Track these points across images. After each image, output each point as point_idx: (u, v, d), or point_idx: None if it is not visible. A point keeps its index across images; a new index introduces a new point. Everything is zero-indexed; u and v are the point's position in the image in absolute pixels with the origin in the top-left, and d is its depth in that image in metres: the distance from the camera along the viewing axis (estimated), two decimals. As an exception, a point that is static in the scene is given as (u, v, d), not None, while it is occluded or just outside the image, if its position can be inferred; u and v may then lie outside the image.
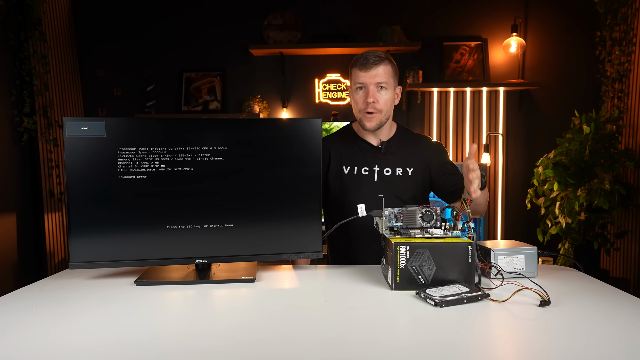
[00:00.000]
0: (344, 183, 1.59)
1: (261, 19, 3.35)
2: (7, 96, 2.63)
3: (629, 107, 2.77)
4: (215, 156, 1.28)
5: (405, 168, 1.59)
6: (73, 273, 1.37)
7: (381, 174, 1.59)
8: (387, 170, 1.59)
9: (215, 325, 0.96)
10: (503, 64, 3.31)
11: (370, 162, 1.60)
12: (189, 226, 1.28)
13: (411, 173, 1.59)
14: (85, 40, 3.39)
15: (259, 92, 3.39)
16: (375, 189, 1.56)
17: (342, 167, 1.61)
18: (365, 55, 1.53)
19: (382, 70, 1.52)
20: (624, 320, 0.95)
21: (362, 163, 1.60)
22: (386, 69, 1.52)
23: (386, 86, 1.53)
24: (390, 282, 1.16)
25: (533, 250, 1.27)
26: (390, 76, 1.54)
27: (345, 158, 1.61)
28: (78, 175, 1.23)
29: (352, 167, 1.60)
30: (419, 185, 1.60)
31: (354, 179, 1.59)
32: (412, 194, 1.58)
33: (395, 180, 1.58)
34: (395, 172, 1.59)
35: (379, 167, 1.59)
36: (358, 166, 1.60)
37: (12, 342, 0.87)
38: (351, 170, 1.60)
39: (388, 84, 1.53)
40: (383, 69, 1.52)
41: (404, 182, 1.58)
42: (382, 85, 1.52)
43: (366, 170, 1.59)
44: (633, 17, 2.73)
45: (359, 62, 1.53)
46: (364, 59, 1.52)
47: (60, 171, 2.94)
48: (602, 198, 2.39)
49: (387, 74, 1.53)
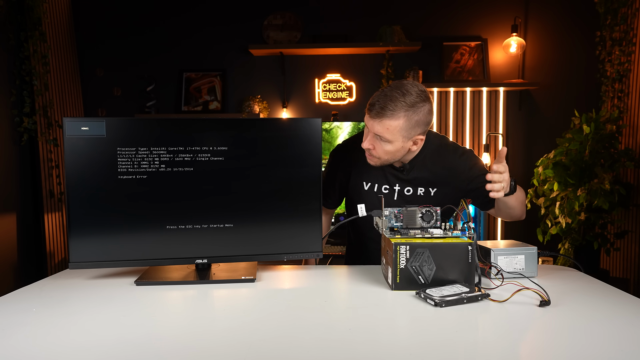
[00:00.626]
0: (362, 198, 1.54)
1: (261, 19, 3.35)
2: (7, 96, 2.63)
3: (629, 107, 2.77)
4: (215, 156, 1.28)
5: (427, 188, 1.51)
6: (73, 273, 1.37)
7: (401, 193, 1.52)
8: (407, 189, 1.52)
9: (215, 325, 0.96)
10: (503, 64, 3.31)
11: (391, 181, 1.53)
12: (189, 226, 1.28)
13: (433, 193, 1.51)
14: (85, 40, 3.39)
15: (259, 92, 3.39)
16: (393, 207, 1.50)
17: (362, 182, 1.55)
18: (378, 98, 1.34)
19: (385, 124, 1.33)
20: (624, 320, 0.95)
21: (382, 181, 1.53)
22: (391, 124, 1.32)
23: (386, 140, 1.36)
24: (390, 282, 1.16)
25: (533, 250, 1.27)
26: (397, 132, 1.33)
27: (365, 174, 1.55)
28: (78, 175, 1.23)
29: (372, 183, 1.54)
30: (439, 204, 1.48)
31: (373, 195, 1.54)
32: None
33: (415, 200, 1.51)
34: (416, 191, 1.51)
35: (399, 187, 1.52)
36: (379, 183, 1.54)
37: (12, 342, 0.87)
38: (371, 187, 1.55)
39: (389, 138, 1.35)
40: (387, 123, 1.32)
41: (425, 202, 1.49)
42: (381, 138, 1.36)
43: (386, 188, 1.53)
44: (633, 17, 2.73)
45: (370, 102, 1.36)
46: (372, 104, 1.34)
47: (60, 171, 2.94)
48: (602, 198, 2.39)
49: (391, 129, 1.33)
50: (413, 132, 1.36)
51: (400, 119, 1.32)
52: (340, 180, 1.62)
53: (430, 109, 1.38)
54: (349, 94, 3.35)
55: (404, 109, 1.32)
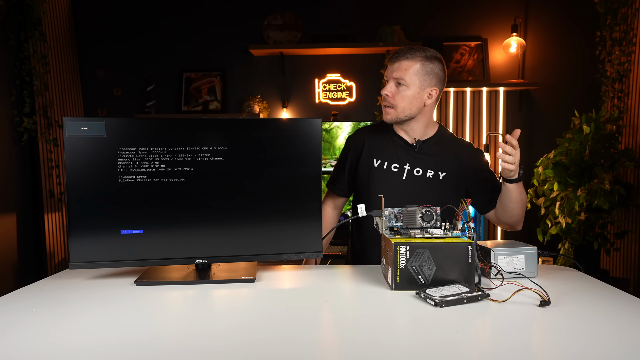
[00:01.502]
0: (371, 175, 1.56)
1: (261, 19, 3.35)
2: (7, 96, 2.63)
3: (629, 107, 2.77)
4: (215, 156, 1.28)
5: (437, 171, 1.53)
6: (73, 273, 1.37)
7: (411, 173, 1.54)
8: (417, 170, 1.54)
9: (215, 325, 0.96)
10: (503, 64, 3.31)
11: (402, 159, 1.55)
12: (189, 226, 1.28)
13: (442, 177, 1.53)
14: (85, 40, 3.39)
15: (259, 92, 3.39)
16: (401, 186, 1.53)
17: (373, 159, 1.57)
18: (401, 49, 1.50)
19: (404, 65, 1.47)
20: (624, 320, 0.95)
21: (393, 159, 1.56)
22: (409, 65, 1.47)
23: (404, 83, 1.47)
24: (390, 282, 1.16)
25: (533, 250, 1.27)
26: (414, 74, 1.47)
27: (377, 151, 1.58)
28: (78, 175, 1.23)
29: (382, 161, 1.57)
30: (448, 191, 1.53)
31: (382, 173, 1.56)
32: (440, 198, 1.48)
33: (423, 182, 1.53)
34: (426, 173, 1.53)
35: (409, 166, 1.54)
36: (389, 161, 1.56)
37: (12, 342, 0.87)
38: (381, 164, 1.56)
39: (407, 81, 1.47)
40: (406, 64, 1.47)
41: (433, 184, 1.52)
42: (400, 82, 1.47)
43: (396, 167, 1.55)
44: (633, 17, 2.73)
45: (392, 54, 1.51)
46: (397, 52, 1.49)
47: (60, 171, 2.94)
48: (602, 198, 2.39)
49: (409, 71, 1.47)
50: (428, 80, 1.49)
51: (417, 62, 1.47)
52: (351, 160, 1.64)
53: (444, 69, 1.53)
54: (349, 94, 3.35)
55: (420, 56, 1.48)
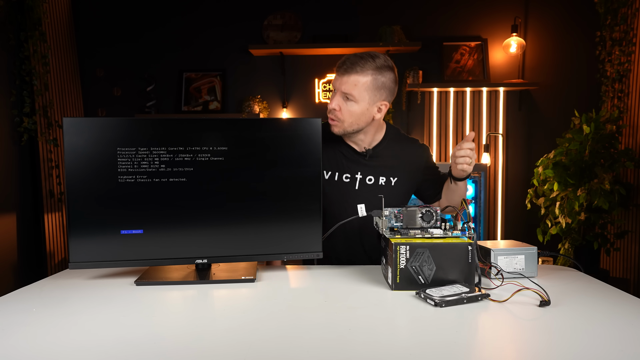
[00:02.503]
0: (323, 188, 1.51)
1: (261, 19, 3.35)
2: (7, 96, 2.63)
3: (629, 107, 2.77)
4: (215, 156, 1.28)
5: (388, 177, 1.53)
6: (73, 273, 1.37)
7: (363, 182, 1.53)
8: (369, 178, 1.53)
9: (215, 325, 0.96)
10: (503, 64, 3.31)
11: (353, 169, 1.53)
12: (189, 226, 1.28)
13: (394, 183, 1.53)
14: (86, 41, 3.39)
15: (259, 92, 3.39)
16: (354, 197, 1.52)
17: (322, 171, 1.50)
18: (349, 57, 1.40)
19: (353, 80, 1.38)
20: (624, 320, 0.95)
21: (343, 169, 1.53)
22: (358, 80, 1.38)
23: (352, 99, 1.40)
24: (390, 282, 1.16)
25: (533, 250, 1.27)
26: (364, 89, 1.39)
27: (326, 162, 1.54)
28: (78, 175, 1.23)
29: (332, 172, 1.54)
30: (400, 195, 1.55)
31: (334, 184, 1.54)
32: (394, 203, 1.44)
33: (376, 190, 1.52)
34: (378, 180, 1.53)
35: (361, 175, 1.53)
36: (339, 172, 1.53)
37: (12, 342, 0.87)
38: (332, 176, 1.54)
39: (356, 97, 1.40)
40: (356, 80, 1.38)
41: (385, 191, 1.51)
42: (348, 97, 1.40)
43: (347, 177, 1.53)
44: (633, 17, 2.73)
45: (340, 61, 1.41)
46: (344, 61, 1.40)
47: (60, 171, 2.94)
48: (602, 198, 2.39)
49: (358, 86, 1.39)
50: (378, 95, 1.42)
51: (368, 76, 1.39)
52: None
53: (395, 79, 1.46)
54: (349, 94, 3.34)
55: (372, 68, 1.39)
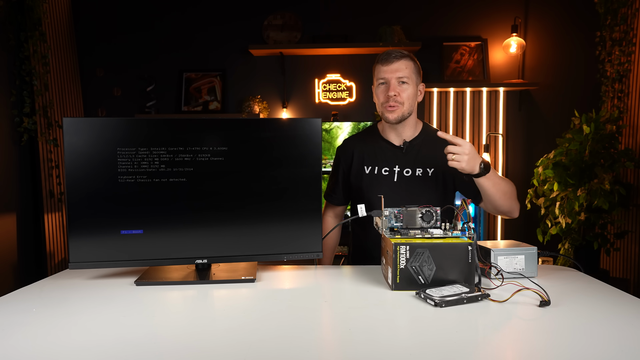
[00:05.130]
0: (364, 182, 1.62)
1: (261, 19, 3.35)
2: (7, 96, 2.63)
3: (629, 107, 2.77)
4: (215, 156, 1.28)
5: (425, 168, 1.59)
6: (73, 273, 1.37)
7: (401, 174, 1.59)
8: (407, 170, 1.59)
9: (215, 325, 0.96)
10: (503, 64, 3.31)
11: (391, 162, 1.61)
12: (189, 226, 1.28)
13: (431, 174, 1.58)
14: (85, 40, 3.39)
15: (259, 92, 3.39)
16: (394, 189, 1.57)
17: (364, 167, 1.63)
18: (387, 52, 1.57)
19: (403, 65, 1.55)
20: (624, 321, 0.95)
21: (382, 163, 1.61)
22: (407, 65, 1.55)
23: (407, 81, 1.55)
24: (390, 282, 1.16)
25: (533, 251, 1.27)
26: (412, 72, 1.56)
27: (367, 158, 1.64)
28: (78, 175, 1.23)
29: (373, 167, 1.62)
30: (438, 187, 1.58)
31: (374, 178, 1.61)
32: (429, 196, 1.56)
33: (414, 181, 1.58)
34: (415, 172, 1.59)
35: (399, 168, 1.60)
36: (379, 166, 1.61)
37: (12, 342, 0.87)
38: (372, 170, 1.62)
39: (409, 79, 1.55)
40: (405, 64, 1.55)
41: (423, 183, 1.58)
42: (404, 80, 1.54)
43: (386, 170, 1.60)
44: (633, 17, 2.73)
45: (381, 58, 1.57)
46: (386, 55, 1.56)
47: (60, 171, 2.94)
48: (602, 198, 2.39)
49: (409, 69, 1.55)
50: (418, 78, 1.60)
51: (410, 61, 1.57)
52: (343, 171, 1.69)
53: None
54: (349, 94, 3.35)
55: (410, 55, 1.59)
